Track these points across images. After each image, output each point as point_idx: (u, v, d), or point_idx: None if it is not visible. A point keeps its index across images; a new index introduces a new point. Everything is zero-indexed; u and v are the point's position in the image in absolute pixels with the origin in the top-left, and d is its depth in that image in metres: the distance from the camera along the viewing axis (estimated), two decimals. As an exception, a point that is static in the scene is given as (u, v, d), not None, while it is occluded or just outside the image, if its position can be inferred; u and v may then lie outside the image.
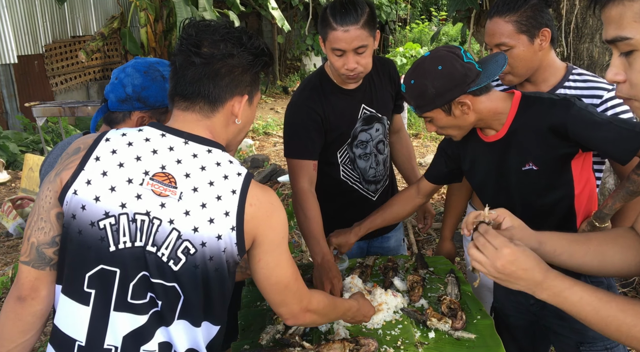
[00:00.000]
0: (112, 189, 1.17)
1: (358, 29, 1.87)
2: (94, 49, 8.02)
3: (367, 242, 2.40)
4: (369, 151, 2.20)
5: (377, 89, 2.17)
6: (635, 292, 3.30)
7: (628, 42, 0.87)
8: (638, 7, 0.85)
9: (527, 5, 1.72)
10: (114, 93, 1.48)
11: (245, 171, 1.24)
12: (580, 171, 1.60)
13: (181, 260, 1.17)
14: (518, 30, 1.73)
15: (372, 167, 2.23)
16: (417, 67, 1.58)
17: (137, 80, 1.47)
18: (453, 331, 1.67)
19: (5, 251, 4.62)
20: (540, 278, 1.05)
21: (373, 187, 2.28)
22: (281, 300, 1.32)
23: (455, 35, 15.27)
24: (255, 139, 8.26)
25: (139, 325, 1.17)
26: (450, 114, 1.57)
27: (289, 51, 14.51)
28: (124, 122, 1.50)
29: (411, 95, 1.59)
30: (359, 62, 1.93)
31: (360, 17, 1.87)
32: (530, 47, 1.74)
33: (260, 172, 6.28)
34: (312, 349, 1.56)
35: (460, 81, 1.51)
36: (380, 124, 2.20)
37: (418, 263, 2.12)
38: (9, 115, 7.78)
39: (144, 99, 1.48)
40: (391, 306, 1.79)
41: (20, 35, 7.78)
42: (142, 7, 7.32)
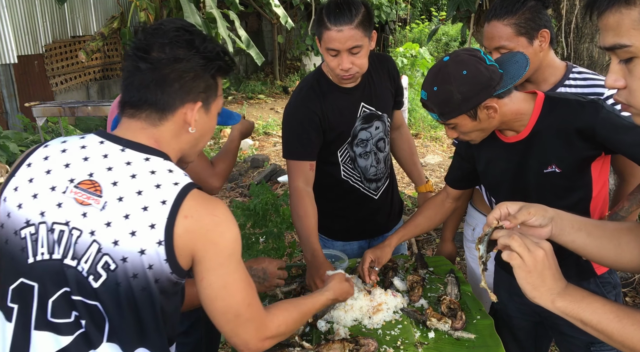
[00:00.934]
0: (35, 196, 1.10)
1: (352, 29, 1.87)
2: (94, 49, 8.02)
3: (367, 241, 2.40)
4: (369, 149, 2.19)
5: (376, 86, 2.16)
6: (635, 292, 3.30)
7: (627, 49, 0.87)
8: (636, 15, 0.84)
9: (525, 8, 1.72)
10: None
11: (186, 181, 1.13)
12: (599, 174, 1.59)
13: (101, 276, 1.06)
14: (517, 32, 1.73)
15: (372, 166, 2.23)
16: (439, 73, 1.52)
17: None
18: (453, 331, 1.67)
19: (5, 251, 4.62)
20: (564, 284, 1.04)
21: (374, 185, 2.27)
22: (231, 330, 1.19)
23: (455, 35, 15.27)
24: (255, 139, 8.26)
25: (62, 346, 1.07)
26: (475, 119, 1.53)
27: (289, 51, 14.50)
28: None
29: (434, 103, 1.54)
30: (354, 63, 1.93)
31: (354, 18, 1.86)
32: (529, 49, 1.74)
33: (261, 172, 6.27)
34: (312, 349, 1.56)
35: (486, 85, 1.48)
36: (380, 122, 2.19)
37: (418, 263, 2.12)
38: (9, 115, 7.78)
39: None
40: (391, 306, 1.79)
41: (20, 35, 7.78)
42: (142, 7, 7.32)
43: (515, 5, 1.73)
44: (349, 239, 2.36)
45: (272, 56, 13.89)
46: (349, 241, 2.36)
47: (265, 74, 13.95)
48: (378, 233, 2.38)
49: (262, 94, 12.06)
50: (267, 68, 14.22)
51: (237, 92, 12.05)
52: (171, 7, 7.40)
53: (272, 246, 3.39)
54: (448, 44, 15.22)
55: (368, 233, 2.38)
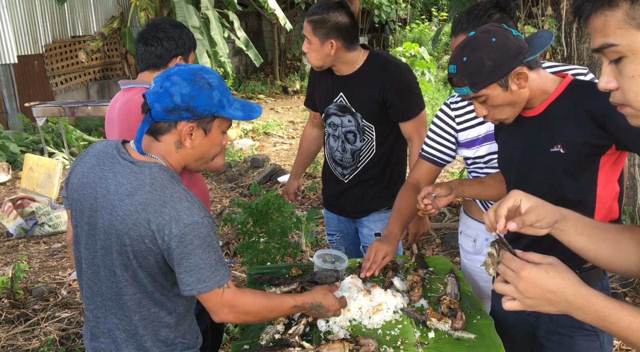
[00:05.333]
0: None
1: (306, 21, 2.26)
2: (94, 49, 8.02)
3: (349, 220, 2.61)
4: (337, 134, 2.43)
5: (360, 88, 2.32)
6: (635, 292, 3.30)
7: (614, 49, 0.87)
8: (620, 15, 0.85)
9: (491, 21, 1.71)
10: (160, 103, 1.39)
11: None
12: (608, 171, 1.55)
13: None
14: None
15: (338, 150, 2.45)
16: (468, 44, 1.50)
17: (185, 89, 1.39)
18: (453, 331, 1.67)
19: (5, 251, 4.62)
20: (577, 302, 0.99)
21: (340, 170, 2.48)
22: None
23: (455, 35, 15.25)
24: (255, 139, 8.26)
25: None
26: (507, 89, 1.50)
27: (289, 51, 14.51)
28: (169, 132, 1.43)
29: (464, 74, 1.50)
30: (307, 49, 2.29)
31: (312, 14, 2.22)
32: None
33: (261, 172, 6.27)
34: (311, 349, 1.56)
35: (516, 52, 1.46)
36: (352, 118, 2.36)
37: (418, 263, 2.12)
38: (9, 115, 7.78)
39: (192, 108, 1.40)
40: (391, 306, 1.79)
41: (20, 35, 7.78)
42: (142, 7, 7.32)
43: (481, 18, 1.73)
44: (328, 209, 2.67)
45: (272, 56, 13.89)
46: (329, 211, 2.66)
47: (265, 74, 13.95)
48: (350, 216, 2.58)
49: (262, 94, 12.06)
50: (267, 68, 14.22)
51: (237, 92, 12.05)
52: (171, 7, 7.40)
53: (272, 245, 3.39)
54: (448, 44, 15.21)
55: (340, 210, 2.60)
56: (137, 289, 1.44)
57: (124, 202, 1.37)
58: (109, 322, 1.50)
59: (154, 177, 1.39)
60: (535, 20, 4.05)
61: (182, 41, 2.14)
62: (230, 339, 2.99)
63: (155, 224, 1.35)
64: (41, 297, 3.69)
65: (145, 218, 1.35)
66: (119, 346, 1.50)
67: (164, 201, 1.36)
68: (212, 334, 2.39)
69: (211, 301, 1.43)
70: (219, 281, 1.41)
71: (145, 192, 1.37)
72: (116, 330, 1.49)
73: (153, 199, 1.36)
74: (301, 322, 1.68)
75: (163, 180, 1.40)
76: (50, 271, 4.17)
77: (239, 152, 7.33)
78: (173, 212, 1.36)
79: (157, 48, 2.09)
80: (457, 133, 1.96)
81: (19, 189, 5.82)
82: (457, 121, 1.96)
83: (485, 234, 2.07)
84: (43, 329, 3.29)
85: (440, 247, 4.37)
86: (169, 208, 1.36)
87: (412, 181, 2.05)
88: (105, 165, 1.44)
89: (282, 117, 9.94)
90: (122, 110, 2.08)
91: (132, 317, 1.46)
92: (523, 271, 1.01)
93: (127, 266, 1.41)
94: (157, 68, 2.12)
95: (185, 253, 1.36)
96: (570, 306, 1.00)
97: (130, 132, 2.03)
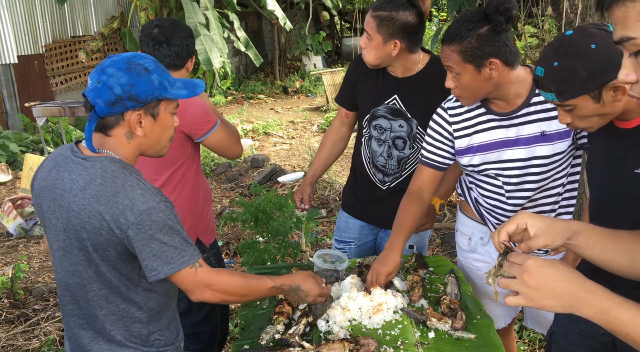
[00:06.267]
0: None
1: (370, 15, 2.08)
2: (94, 49, 8.02)
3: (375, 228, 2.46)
4: (384, 139, 2.25)
5: (419, 93, 2.16)
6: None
7: (634, 41, 0.87)
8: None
9: (472, 36, 1.65)
10: (102, 98, 1.38)
11: None
12: None
13: None
14: (463, 60, 1.68)
15: (382, 155, 2.27)
16: (562, 46, 1.35)
17: (122, 78, 1.38)
18: (453, 331, 1.67)
19: (5, 251, 4.62)
20: (581, 293, 0.98)
21: (380, 176, 2.31)
22: None
23: (455, 35, 15.25)
24: (255, 139, 8.26)
25: None
26: (599, 101, 1.33)
27: (289, 51, 14.50)
28: (118, 125, 1.42)
29: (553, 80, 1.36)
30: (365, 46, 2.12)
31: (378, 9, 2.06)
32: (477, 76, 1.69)
33: (261, 172, 6.27)
34: (311, 349, 1.56)
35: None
36: (406, 123, 2.21)
37: (418, 263, 2.12)
38: (9, 115, 7.78)
39: (135, 96, 1.40)
40: (391, 306, 1.79)
41: (20, 35, 7.78)
42: (142, 7, 7.32)
43: (461, 32, 1.66)
44: (352, 215, 2.46)
45: (272, 56, 13.89)
46: (352, 217, 2.46)
47: (265, 74, 13.95)
48: (383, 225, 2.40)
49: (262, 94, 12.06)
50: (267, 68, 14.22)
51: (237, 92, 12.04)
52: (171, 7, 7.40)
53: (272, 245, 3.39)
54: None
55: (369, 218, 2.42)
56: (102, 284, 1.44)
57: (77, 198, 1.38)
58: (72, 325, 1.50)
59: (105, 170, 1.39)
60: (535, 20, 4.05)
61: (192, 41, 2.17)
62: (231, 339, 2.99)
63: (110, 214, 1.35)
64: (41, 297, 3.69)
65: (99, 210, 1.36)
66: (86, 347, 1.49)
67: (116, 191, 1.37)
68: (221, 331, 2.41)
69: (185, 281, 1.43)
70: (187, 261, 1.41)
71: (97, 184, 1.38)
72: (81, 331, 1.49)
73: (105, 190, 1.37)
74: (301, 322, 1.68)
75: (114, 171, 1.40)
76: (50, 271, 4.16)
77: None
78: (126, 200, 1.36)
79: (181, 48, 2.09)
80: (454, 139, 1.92)
81: (19, 189, 5.81)
82: (454, 127, 1.91)
83: (480, 233, 2.08)
84: (43, 329, 3.29)
85: (440, 247, 4.37)
86: (121, 197, 1.36)
87: (414, 189, 1.99)
88: (61, 166, 1.45)
89: (282, 117, 9.93)
90: None
91: (98, 313, 1.45)
92: (529, 260, 1.01)
93: (90, 262, 1.41)
94: (177, 68, 2.12)
95: (146, 239, 1.36)
96: (574, 298, 0.99)
97: None
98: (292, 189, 5.58)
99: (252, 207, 3.44)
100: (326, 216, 5.05)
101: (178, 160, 2.13)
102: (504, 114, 1.81)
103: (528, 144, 1.79)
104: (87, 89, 1.42)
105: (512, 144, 1.81)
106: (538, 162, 1.79)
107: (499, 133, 1.82)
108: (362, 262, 2.15)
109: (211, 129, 2.12)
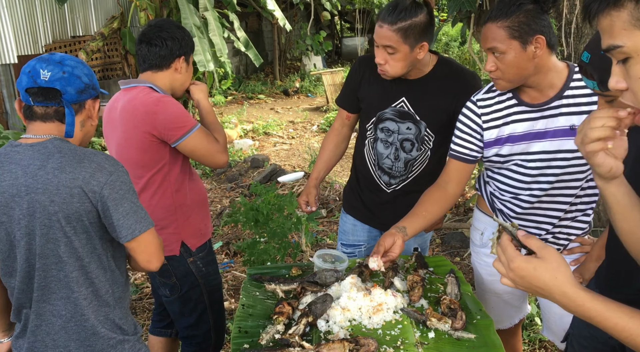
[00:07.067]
0: None
1: (390, 30, 1.97)
2: (94, 49, 8.02)
3: (378, 231, 2.43)
4: (391, 141, 2.23)
5: (429, 95, 2.14)
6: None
7: (620, 50, 0.88)
8: (625, 16, 0.86)
9: (520, 11, 1.67)
10: (72, 86, 1.49)
11: None
12: None
13: None
14: (510, 35, 1.69)
15: (389, 158, 2.25)
16: None
17: (84, 69, 1.54)
18: (453, 331, 1.67)
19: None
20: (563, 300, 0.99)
21: (386, 178, 2.29)
22: None
23: (455, 35, 15.26)
24: (255, 139, 8.26)
25: None
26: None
27: (289, 51, 14.50)
28: (79, 113, 1.54)
29: (597, 68, 1.32)
30: (387, 60, 2.04)
31: (398, 21, 1.96)
32: (522, 54, 1.70)
33: (261, 172, 6.27)
34: (312, 349, 1.56)
35: None
36: (414, 126, 2.19)
37: (418, 263, 2.12)
38: (9, 115, 7.79)
39: (94, 85, 1.57)
40: (391, 306, 1.79)
41: (20, 35, 7.78)
42: (142, 7, 7.31)
43: (510, 8, 1.69)
44: (358, 219, 2.45)
45: (272, 56, 13.89)
46: (359, 220, 2.45)
47: (265, 74, 13.95)
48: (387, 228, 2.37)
49: (262, 94, 12.06)
50: (267, 68, 14.22)
51: (237, 92, 12.04)
52: (171, 7, 7.39)
53: (272, 245, 3.39)
54: (448, 44, 15.21)
55: (375, 222, 2.41)
56: (73, 267, 1.46)
57: (38, 176, 1.41)
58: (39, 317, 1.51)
59: (59, 147, 1.45)
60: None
61: (184, 42, 2.14)
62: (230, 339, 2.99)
63: (80, 179, 1.40)
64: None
65: (67, 178, 1.40)
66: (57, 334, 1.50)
67: (80, 159, 1.43)
68: (215, 333, 2.40)
69: (153, 242, 1.54)
70: (152, 221, 1.54)
71: (57, 158, 1.43)
72: (51, 317, 1.50)
73: (67, 160, 1.42)
74: (301, 322, 1.68)
75: (69, 146, 1.47)
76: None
77: (239, 152, 7.33)
78: (93, 164, 1.43)
79: (162, 48, 2.09)
80: (483, 131, 1.92)
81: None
82: (484, 119, 1.91)
83: (492, 228, 2.09)
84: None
85: (440, 247, 4.37)
86: (87, 162, 1.43)
87: (440, 182, 2.00)
88: (4, 163, 1.47)
89: (282, 117, 9.93)
90: (126, 109, 2.08)
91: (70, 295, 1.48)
92: (512, 263, 1.02)
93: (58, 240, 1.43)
94: (160, 68, 2.12)
95: (119, 198, 1.45)
96: (558, 303, 1.01)
97: (135, 130, 2.03)
98: (292, 189, 5.58)
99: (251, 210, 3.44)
100: (326, 216, 5.05)
101: (156, 165, 2.09)
102: (535, 105, 1.82)
103: (555, 137, 1.81)
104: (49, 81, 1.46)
105: (541, 136, 1.82)
106: (563, 156, 1.81)
107: (528, 125, 1.83)
108: (362, 262, 2.14)
109: (186, 134, 2.04)
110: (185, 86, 2.24)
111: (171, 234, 2.18)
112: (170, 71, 2.13)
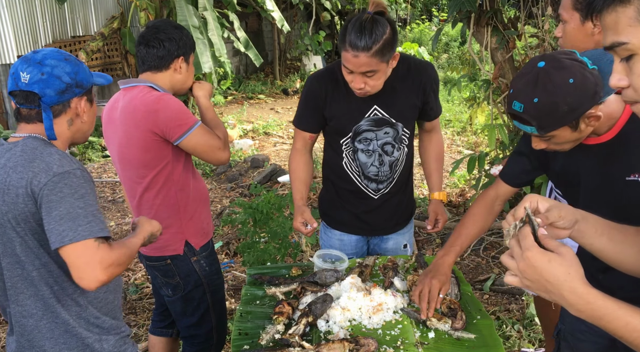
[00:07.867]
0: None
1: (368, 56, 1.86)
2: (94, 49, 8.02)
3: (366, 238, 2.41)
4: (372, 149, 2.18)
5: (397, 94, 2.12)
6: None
7: (625, 46, 0.87)
8: (631, 12, 0.85)
9: None
10: (51, 87, 1.46)
11: None
12: None
13: None
14: (573, 6, 1.69)
15: (374, 165, 2.21)
16: (540, 82, 1.34)
17: (66, 67, 1.49)
18: (453, 331, 1.67)
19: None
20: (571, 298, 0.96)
21: (374, 185, 2.26)
22: None
23: (455, 35, 15.27)
24: (255, 139, 8.26)
25: None
26: (576, 130, 1.37)
27: (289, 51, 14.50)
28: (64, 113, 1.51)
29: (533, 115, 1.36)
30: (367, 83, 1.96)
31: (373, 45, 1.85)
32: (580, 28, 1.69)
33: (261, 172, 6.27)
34: (312, 349, 1.56)
35: (592, 92, 1.31)
36: (391, 129, 2.17)
37: (418, 263, 2.13)
38: (9, 115, 7.78)
39: (80, 83, 1.52)
40: (391, 306, 1.79)
41: (20, 35, 7.78)
42: (142, 7, 7.31)
43: None
44: (346, 231, 2.38)
45: (272, 56, 13.89)
46: (347, 233, 2.38)
47: (265, 74, 13.94)
48: (378, 233, 2.38)
49: (262, 94, 12.05)
50: (267, 68, 14.21)
51: (237, 92, 12.04)
52: (171, 7, 7.39)
53: (272, 245, 3.39)
54: (448, 44, 15.21)
55: (366, 230, 2.38)
56: (32, 266, 1.44)
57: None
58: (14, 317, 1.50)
59: (25, 145, 1.45)
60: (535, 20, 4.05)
61: (183, 42, 2.14)
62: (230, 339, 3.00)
63: (25, 179, 1.38)
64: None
65: (16, 178, 1.39)
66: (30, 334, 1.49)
67: (32, 158, 1.41)
68: (217, 333, 2.41)
69: (85, 255, 1.34)
70: (97, 232, 1.37)
71: (16, 157, 1.42)
72: (22, 319, 1.49)
73: (22, 159, 1.41)
74: (301, 322, 1.68)
75: (34, 144, 1.44)
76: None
77: (239, 152, 7.33)
78: (42, 164, 1.39)
79: (159, 49, 2.09)
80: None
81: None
82: None
83: None
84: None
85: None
86: (38, 162, 1.40)
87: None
88: None
89: (282, 117, 9.93)
90: (127, 108, 2.08)
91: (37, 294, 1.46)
92: (527, 251, 0.98)
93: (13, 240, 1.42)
94: (158, 69, 2.12)
95: (55, 201, 1.35)
96: (564, 301, 0.97)
97: (137, 129, 2.03)
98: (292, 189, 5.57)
99: (250, 210, 3.44)
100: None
101: (159, 164, 2.09)
102: None
103: None
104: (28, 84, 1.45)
105: None
106: None
107: None
108: (362, 262, 2.15)
109: (187, 131, 2.04)
110: (187, 85, 2.24)
111: (175, 234, 2.18)
112: (170, 72, 2.14)
